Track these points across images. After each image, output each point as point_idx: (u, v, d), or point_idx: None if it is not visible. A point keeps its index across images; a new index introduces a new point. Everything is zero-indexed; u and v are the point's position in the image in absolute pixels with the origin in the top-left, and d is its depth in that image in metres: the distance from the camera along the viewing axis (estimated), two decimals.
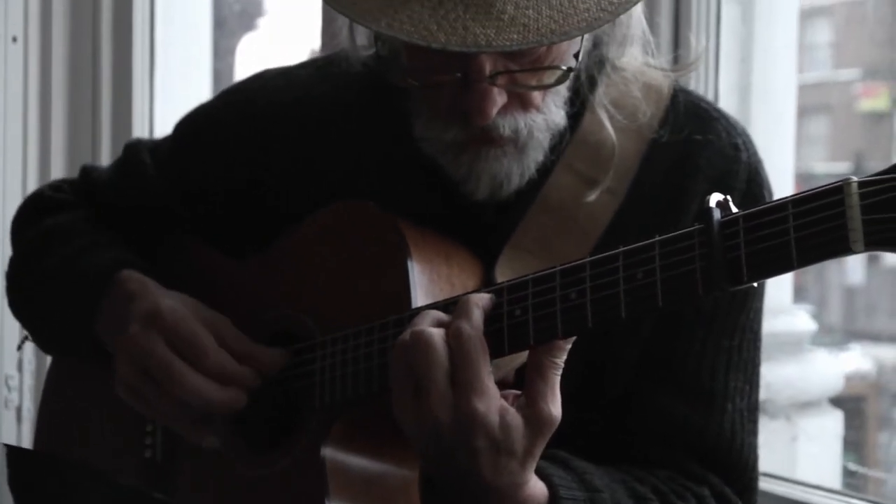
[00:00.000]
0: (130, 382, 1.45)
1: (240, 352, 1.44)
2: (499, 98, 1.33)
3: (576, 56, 1.35)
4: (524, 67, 1.33)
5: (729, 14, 2.33)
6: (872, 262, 4.16)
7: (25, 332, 1.74)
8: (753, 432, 1.49)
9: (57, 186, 1.80)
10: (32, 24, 3.06)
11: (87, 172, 1.76)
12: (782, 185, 2.42)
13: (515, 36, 1.22)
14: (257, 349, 1.45)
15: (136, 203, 1.68)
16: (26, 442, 3.01)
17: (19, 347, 2.07)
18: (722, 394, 1.45)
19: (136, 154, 1.70)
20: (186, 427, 1.44)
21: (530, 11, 1.23)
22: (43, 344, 1.74)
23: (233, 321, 1.47)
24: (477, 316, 1.21)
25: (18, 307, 1.73)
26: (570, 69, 1.35)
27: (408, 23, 1.24)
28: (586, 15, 1.24)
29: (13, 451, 1.51)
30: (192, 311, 1.45)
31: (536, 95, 1.37)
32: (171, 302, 1.45)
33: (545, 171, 1.44)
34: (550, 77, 1.35)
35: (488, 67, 1.31)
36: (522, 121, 1.37)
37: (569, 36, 1.24)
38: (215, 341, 1.43)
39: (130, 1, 3.04)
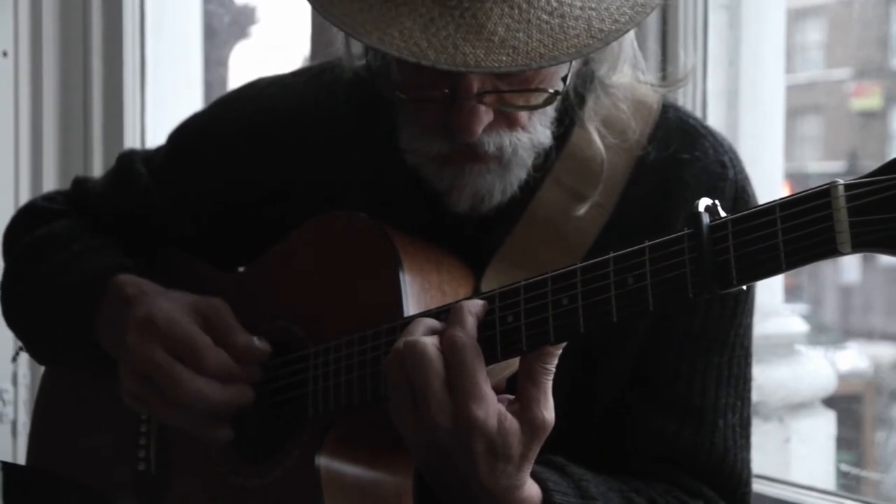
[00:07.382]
0: (135, 391, 1.45)
1: (234, 344, 1.43)
2: (485, 116, 1.34)
3: (563, 79, 1.35)
4: (512, 88, 1.34)
5: (716, 19, 2.33)
6: (868, 260, 4.16)
7: (20, 343, 1.74)
8: (746, 447, 1.50)
9: (50, 197, 1.80)
10: (22, 38, 3.06)
11: (80, 183, 1.76)
12: (772, 188, 2.42)
13: (504, 58, 1.22)
14: (248, 340, 1.44)
15: (129, 214, 1.67)
16: (21, 456, 3.00)
17: (14, 359, 2.06)
18: (713, 410, 1.46)
19: (130, 164, 1.70)
20: (197, 427, 1.44)
21: (521, 34, 1.23)
22: (38, 353, 1.73)
23: None
24: (470, 323, 1.22)
25: (13, 317, 1.72)
26: (556, 92, 1.35)
27: (399, 38, 1.24)
28: (576, 41, 1.24)
29: (7, 467, 1.51)
30: (187, 308, 1.45)
31: (523, 115, 1.38)
32: (166, 304, 1.45)
33: (534, 185, 1.45)
34: (538, 98, 1.36)
35: (476, 86, 1.32)
36: (507, 139, 1.38)
37: (557, 61, 1.24)
38: (211, 340, 1.43)
39: (120, 14, 3.04)
